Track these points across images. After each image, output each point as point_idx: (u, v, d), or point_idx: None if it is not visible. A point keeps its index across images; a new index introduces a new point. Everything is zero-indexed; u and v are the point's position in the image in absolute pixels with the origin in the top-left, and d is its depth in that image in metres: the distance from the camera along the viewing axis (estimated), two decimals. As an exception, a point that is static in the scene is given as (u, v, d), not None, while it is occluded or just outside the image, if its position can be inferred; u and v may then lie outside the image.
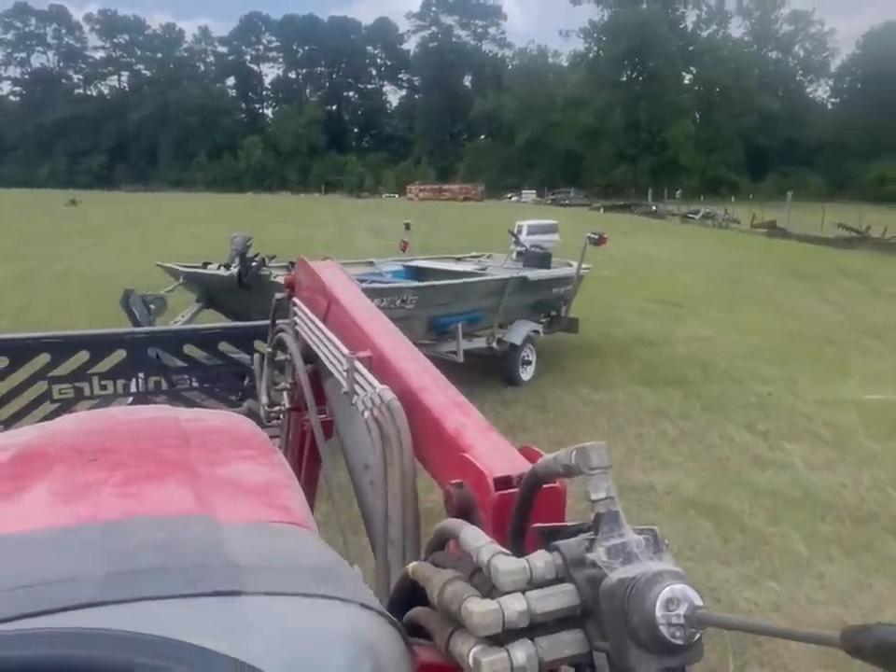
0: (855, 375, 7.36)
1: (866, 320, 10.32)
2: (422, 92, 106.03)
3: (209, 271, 6.56)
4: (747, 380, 7.08)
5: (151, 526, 0.73)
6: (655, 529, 0.66)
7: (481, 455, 0.91)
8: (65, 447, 1.00)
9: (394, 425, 1.07)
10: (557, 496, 0.84)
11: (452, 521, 0.79)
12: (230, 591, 0.61)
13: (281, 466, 1.06)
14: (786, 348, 8.39)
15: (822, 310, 11.06)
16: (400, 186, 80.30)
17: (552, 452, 0.72)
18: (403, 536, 1.03)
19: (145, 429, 1.13)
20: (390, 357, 1.25)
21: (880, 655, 0.48)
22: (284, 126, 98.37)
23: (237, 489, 0.94)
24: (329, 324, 1.59)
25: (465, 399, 1.10)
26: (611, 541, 0.64)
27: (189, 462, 0.95)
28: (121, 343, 3.08)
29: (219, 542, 0.70)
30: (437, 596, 0.69)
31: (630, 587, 0.59)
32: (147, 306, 6.11)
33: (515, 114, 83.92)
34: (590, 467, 0.66)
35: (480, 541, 0.69)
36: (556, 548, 0.67)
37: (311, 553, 0.76)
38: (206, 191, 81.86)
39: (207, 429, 1.17)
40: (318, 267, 1.82)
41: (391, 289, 6.10)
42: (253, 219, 29.07)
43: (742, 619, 0.60)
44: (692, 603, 0.58)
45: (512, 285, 6.72)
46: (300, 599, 0.63)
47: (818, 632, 0.53)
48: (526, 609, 0.62)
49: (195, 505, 0.81)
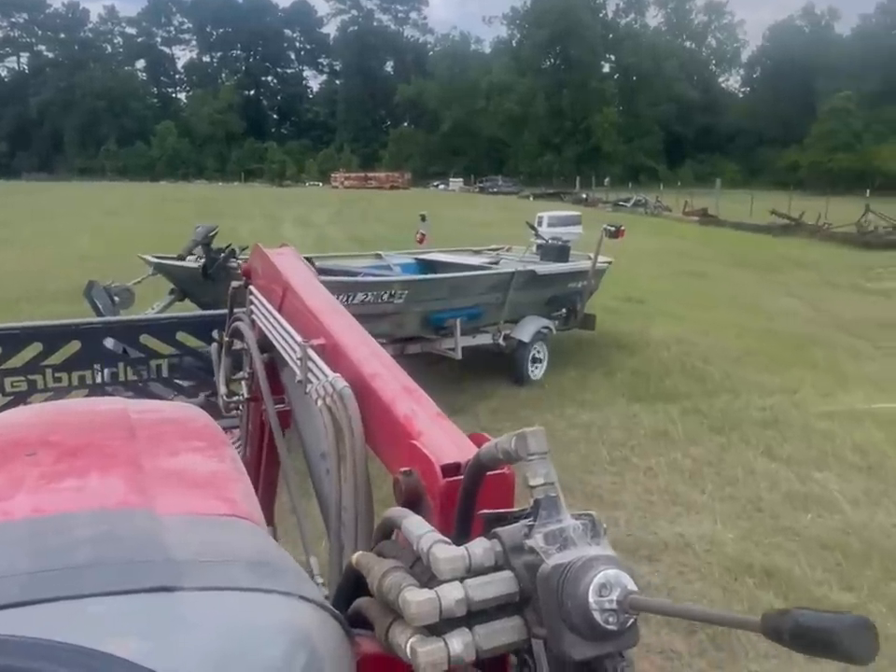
0: (853, 381, 6.78)
1: (839, 315, 9.89)
2: (343, 78, 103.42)
3: (178, 262, 6.24)
4: (744, 391, 6.38)
5: (86, 521, 0.71)
6: (593, 514, 0.65)
7: (430, 443, 0.90)
8: (6, 441, 0.98)
9: (345, 412, 1.06)
10: (506, 482, 0.84)
11: (396, 510, 0.78)
12: (164, 587, 0.59)
13: (230, 458, 1.03)
14: (772, 351, 7.78)
15: (791, 305, 10.59)
16: (324, 174, 77.97)
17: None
18: (356, 524, 1.01)
19: (90, 422, 1.09)
20: (343, 345, 1.23)
21: (796, 639, 0.48)
22: (199, 111, 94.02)
23: (180, 482, 0.90)
24: (285, 312, 1.56)
25: (416, 385, 1.08)
26: (549, 527, 0.64)
27: (133, 455, 0.92)
28: (76, 335, 3.04)
29: (157, 537, 0.68)
30: (376, 586, 0.68)
31: (564, 573, 0.60)
32: (111, 297, 5.81)
33: (439, 100, 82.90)
34: (528, 452, 0.65)
35: (420, 530, 0.69)
36: (496, 535, 0.66)
37: (251, 546, 0.74)
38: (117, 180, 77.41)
39: (156, 421, 1.12)
40: (274, 254, 1.78)
41: (377, 283, 5.61)
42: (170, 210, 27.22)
43: (672, 604, 0.59)
44: (625, 588, 0.58)
45: (519, 279, 6.35)
46: (236, 594, 0.62)
47: (741, 616, 0.54)
48: (464, 597, 0.62)
49: (134, 499, 0.79)
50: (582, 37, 77.72)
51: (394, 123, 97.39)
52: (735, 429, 5.48)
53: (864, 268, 15.34)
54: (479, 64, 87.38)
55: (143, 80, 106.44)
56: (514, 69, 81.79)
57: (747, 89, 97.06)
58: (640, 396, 6.22)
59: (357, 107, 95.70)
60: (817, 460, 4.95)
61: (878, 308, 10.81)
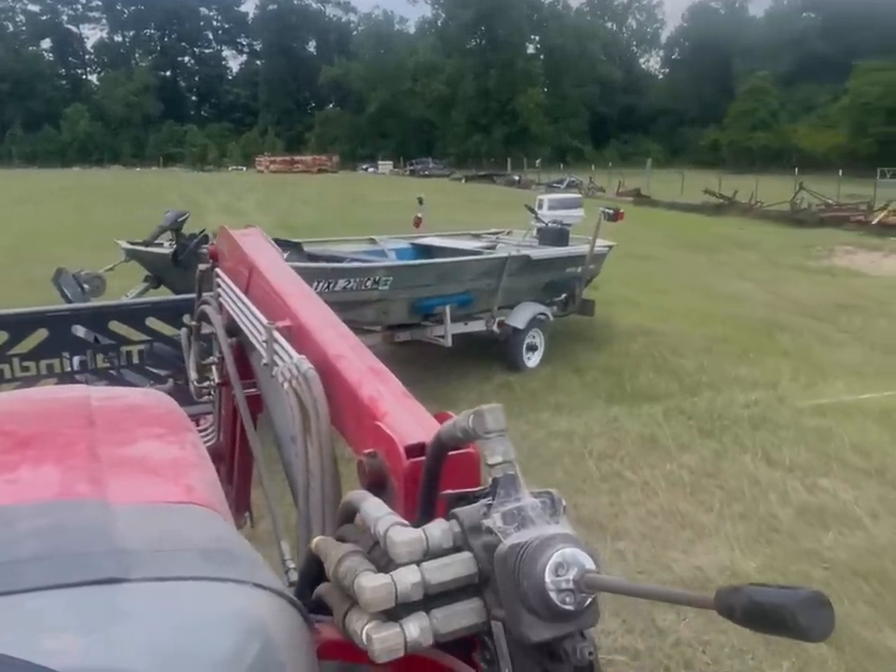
0: (829, 369, 6.46)
1: (793, 298, 9.69)
2: (264, 58, 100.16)
3: (151, 248, 6.13)
4: (724, 386, 5.98)
5: (34, 513, 0.69)
6: (553, 492, 0.64)
7: (394, 423, 0.88)
8: None
9: (310, 394, 1.04)
10: (471, 461, 0.82)
11: (355, 493, 0.76)
12: (110, 578, 0.57)
13: (191, 444, 1.01)
14: (740, 339, 7.43)
15: (745, 288, 10.34)
16: (248, 158, 75.39)
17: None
18: (322, 507, 0.98)
19: (48, 410, 1.06)
20: (309, 327, 1.21)
21: (749, 616, 0.47)
22: (112, 93, 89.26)
23: (136, 469, 0.87)
24: (251, 294, 1.54)
25: (383, 365, 1.06)
26: (507, 506, 0.63)
27: (89, 443, 0.89)
28: (42, 322, 3.03)
29: (107, 527, 0.66)
30: (333, 572, 0.67)
31: (521, 553, 0.59)
32: (81, 285, 5.75)
33: (364, 81, 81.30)
34: (486, 430, 0.64)
35: (378, 513, 0.67)
36: (454, 515, 0.65)
37: (206, 533, 0.72)
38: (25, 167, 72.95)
39: (117, 408, 1.09)
40: (240, 236, 1.75)
41: (360, 269, 5.38)
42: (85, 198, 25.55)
43: (629, 583, 0.57)
44: (582, 567, 0.57)
45: (513, 264, 6.10)
46: (187, 583, 0.60)
47: (696, 594, 0.53)
48: (420, 580, 0.61)
49: (85, 488, 0.76)
50: (508, 17, 77.31)
51: (319, 105, 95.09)
52: (726, 431, 5.04)
53: (803, 246, 15.39)
54: (404, 45, 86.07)
55: (50, 61, 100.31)
56: (441, 49, 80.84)
57: (666, 69, 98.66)
58: (617, 396, 5.74)
59: (280, 89, 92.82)
60: (819, 465, 4.55)
61: (828, 288, 10.69)
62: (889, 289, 10.65)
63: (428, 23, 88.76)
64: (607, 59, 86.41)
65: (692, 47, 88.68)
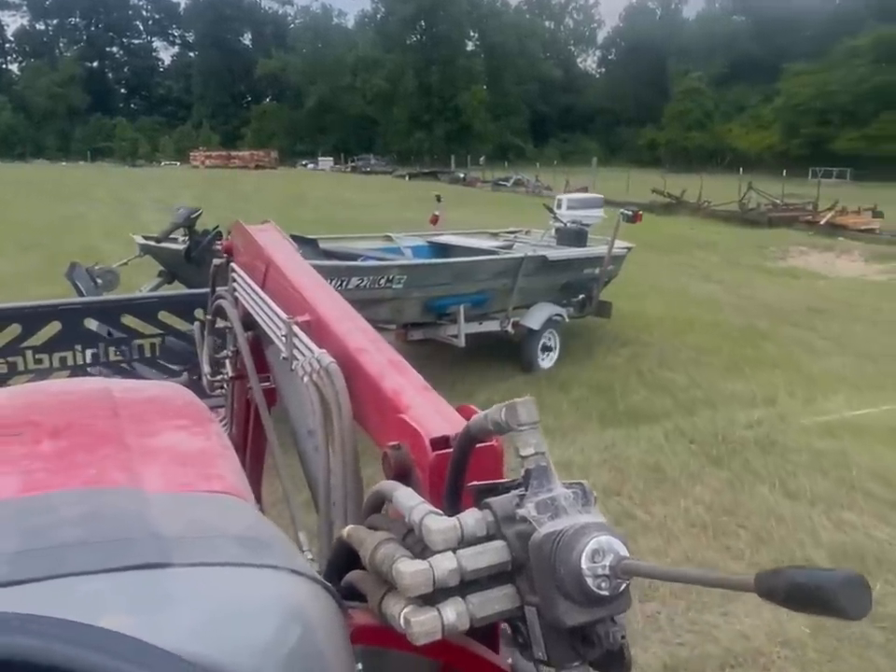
0: (824, 382, 6.13)
1: (765, 302, 9.44)
2: (197, 50, 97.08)
3: (165, 244, 6.15)
4: (720, 403, 5.57)
5: (73, 500, 0.71)
6: (584, 483, 0.66)
7: (418, 416, 0.89)
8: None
9: (332, 388, 1.05)
10: (494, 454, 0.83)
11: (386, 483, 0.78)
12: (153, 563, 0.58)
13: (216, 435, 1.02)
14: (726, 349, 7.05)
15: (714, 291, 10.04)
16: (182, 153, 72.80)
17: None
18: (345, 499, 1.00)
19: (73, 402, 1.06)
20: (328, 321, 1.22)
21: (791, 597, 0.48)
22: (34, 84, 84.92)
23: (166, 459, 0.88)
24: (268, 289, 1.54)
25: (402, 359, 1.07)
26: (541, 496, 0.64)
27: (118, 433, 0.91)
28: (55, 315, 3.10)
29: (144, 514, 0.68)
30: (369, 559, 0.69)
31: (557, 540, 0.60)
32: (94, 280, 5.76)
33: (303, 75, 79.64)
34: (519, 423, 0.66)
35: (412, 502, 0.68)
36: (488, 505, 0.67)
37: (240, 521, 0.74)
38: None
39: (140, 400, 1.10)
40: (255, 231, 1.76)
41: (374, 268, 5.32)
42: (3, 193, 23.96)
43: (666, 569, 0.59)
44: (617, 554, 0.59)
45: (529, 265, 6.01)
46: (226, 569, 0.61)
47: (735, 577, 0.54)
48: (457, 567, 0.62)
49: (120, 477, 0.78)
50: (448, 13, 76.87)
51: (255, 99, 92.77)
52: (734, 457, 4.61)
53: (758, 247, 15.34)
54: (343, 39, 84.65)
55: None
56: (381, 45, 79.72)
57: (603, 69, 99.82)
58: (610, 417, 5.26)
59: (215, 82, 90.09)
60: (842, 496, 4.14)
61: (795, 291, 10.52)
62: (851, 292, 10.56)
63: (368, 17, 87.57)
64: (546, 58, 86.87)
65: (627, 47, 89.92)
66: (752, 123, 66.87)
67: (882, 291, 10.61)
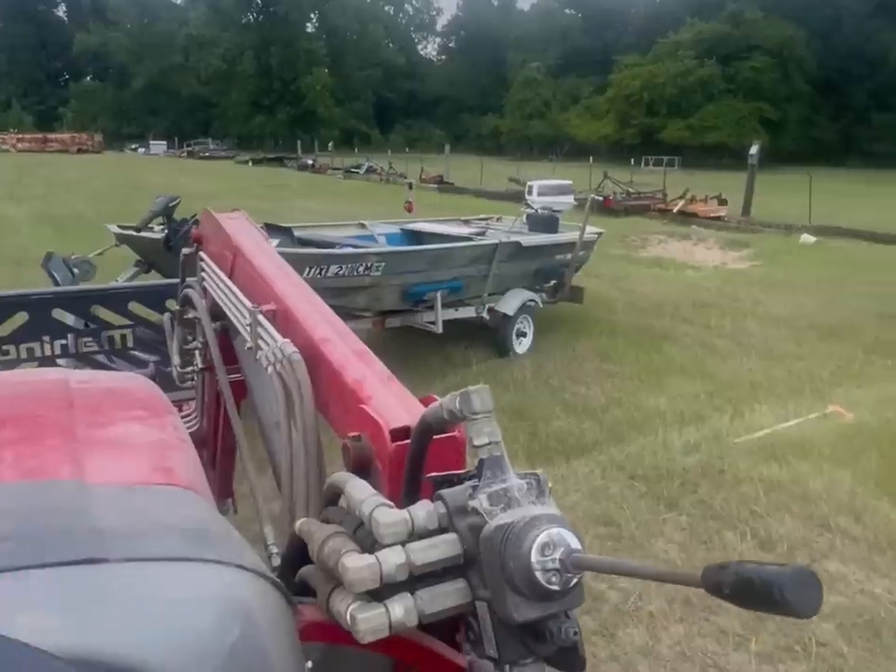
0: (738, 390, 5.70)
1: (647, 296, 9.12)
2: (3, 22, 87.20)
3: (142, 233, 6.07)
4: (645, 424, 4.92)
5: (12, 493, 0.69)
6: (539, 473, 0.64)
7: (379, 407, 0.87)
8: None
9: (295, 378, 1.02)
10: (456, 444, 0.81)
11: (339, 475, 0.76)
12: (91, 559, 0.56)
13: (172, 427, 0.99)
14: (630, 355, 6.51)
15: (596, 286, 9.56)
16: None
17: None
18: (307, 491, 0.97)
19: (27, 392, 1.04)
20: (293, 310, 1.20)
21: (736, 592, 0.46)
22: None
23: (116, 451, 0.86)
24: (236, 278, 1.50)
25: (367, 349, 1.04)
26: (493, 487, 0.62)
27: (68, 425, 0.88)
28: (22, 306, 3.06)
29: (84, 507, 0.66)
30: (317, 553, 0.67)
31: (507, 533, 0.59)
32: (70, 269, 5.65)
33: (128, 52, 73.66)
34: (472, 411, 0.64)
35: (363, 494, 0.67)
36: (440, 497, 0.65)
37: (188, 515, 0.72)
38: None
39: (96, 391, 1.08)
40: (224, 219, 1.71)
41: (352, 255, 5.36)
42: None
43: (615, 561, 0.58)
44: (568, 547, 0.57)
45: (503, 251, 6.11)
46: (167, 564, 0.59)
47: (682, 572, 0.53)
48: (405, 561, 0.61)
49: (64, 469, 0.75)
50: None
51: (74, 77, 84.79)
52: (685, 496, 3.98)
53: (619, 237, 15.32)
54: (172, 15, 79.11)
55: None
56: (215, 23, 75.19)
57: (444, 57, 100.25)
58: (537, 450, 4.50)
59: (26, 57, 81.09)
60: (816, 539, 3.62)
61: (671, 283, 10.35)
62: (724, 282, 10.56)
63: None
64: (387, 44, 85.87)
65: (467, 36, 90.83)
66: (587, 113, 69.50)
67: (751, 281, 10.68)
